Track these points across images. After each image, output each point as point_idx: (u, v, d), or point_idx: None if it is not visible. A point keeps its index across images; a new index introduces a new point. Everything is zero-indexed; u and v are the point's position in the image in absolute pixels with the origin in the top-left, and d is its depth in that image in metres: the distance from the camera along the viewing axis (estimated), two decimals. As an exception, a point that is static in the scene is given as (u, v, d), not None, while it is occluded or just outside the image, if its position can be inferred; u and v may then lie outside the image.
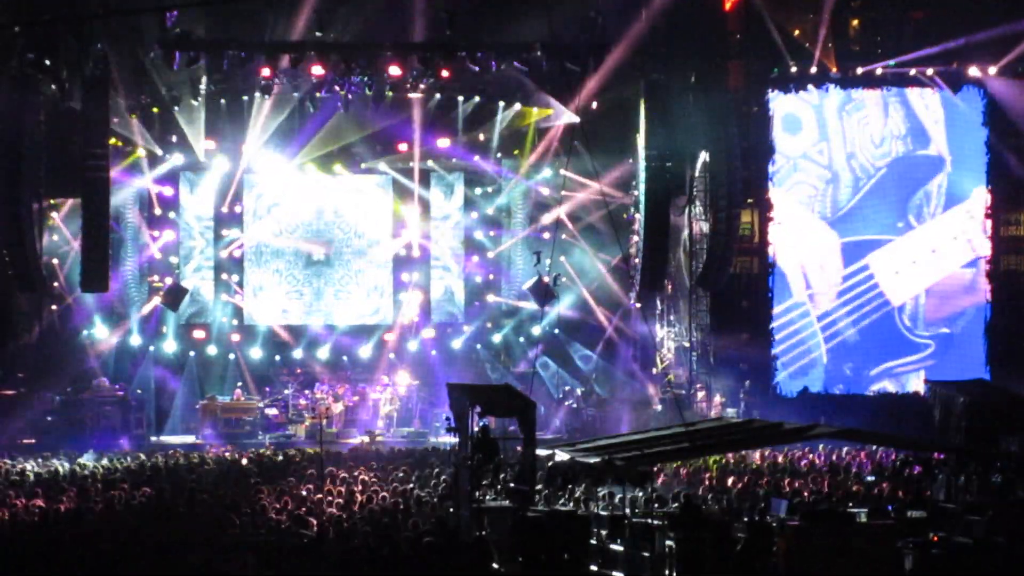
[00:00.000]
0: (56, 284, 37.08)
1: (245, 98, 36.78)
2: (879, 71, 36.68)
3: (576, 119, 36.59)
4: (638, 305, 38.45)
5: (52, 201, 36.59)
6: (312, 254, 39.77)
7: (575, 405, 37.91)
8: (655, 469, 22.60)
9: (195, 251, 39.33)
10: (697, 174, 36.88)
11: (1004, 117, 37.02)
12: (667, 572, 17.52)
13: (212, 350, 38.92)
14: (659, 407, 36.27)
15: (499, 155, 39.61)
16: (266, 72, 35.26)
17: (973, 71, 36.62)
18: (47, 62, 34.12)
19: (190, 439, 35.69)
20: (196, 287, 38.84)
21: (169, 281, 38.20)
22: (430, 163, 39.58)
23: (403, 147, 39.07)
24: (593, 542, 18.58)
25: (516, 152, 39.56)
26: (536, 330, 39.26)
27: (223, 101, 36.78)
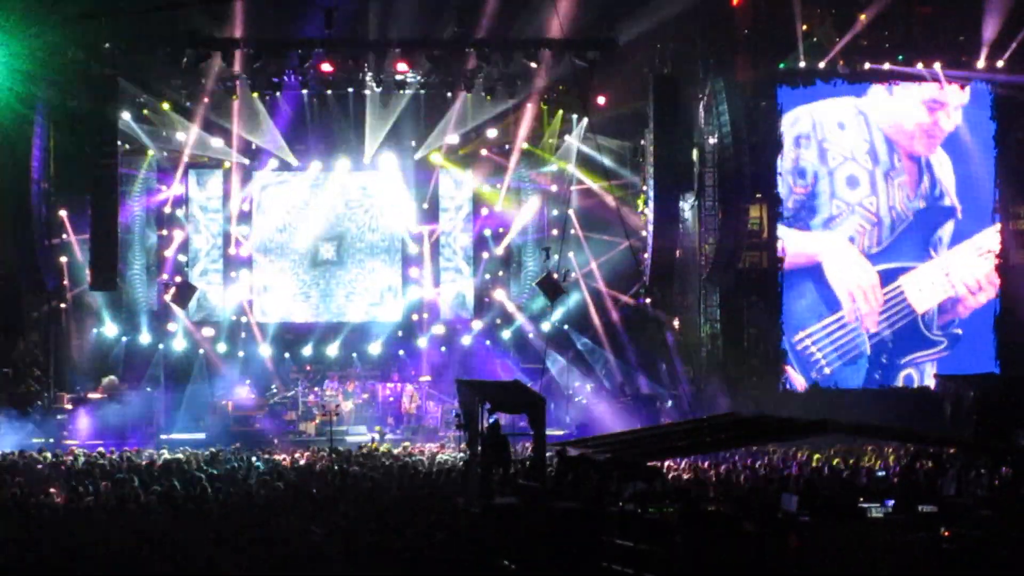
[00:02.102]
0: (66, 283, 37.11)
1: (255, 95, 36.79)
2: (887, 67, 36.82)
3: (585, 114, 36.62)
4: (648, 300, 38.42)
5: (61, 200, 36.57)
6: (320, 252, 39.76)
7: (585, 401, 37.91)
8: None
9: (201, 253, 39.32)
10: (706, 169, 36.88)
11: (1012, 110, 37.14)
12: (678, 569, 17.49)
13: (221, 348, 38.96)
14: (669, 402, 36.28)
15: (507, 149, 39.53)
16: (275, 70, 35.36)
17: (981, 65, 36.72)
18: (56, 60, 34.20)
19: (200, 436, 35.72)
20: (203, 292, 38.77)
21: (178, 279, 38.22)
22: (439, 160, 39.53)
23: (413, 143, 39.07)
24: (603, 538, 18.54)
25: (526, 148, 39.50)
26: (545, 326, 39.23)
27: (234, 99, 36.78)
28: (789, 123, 36.66)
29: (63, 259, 36.93)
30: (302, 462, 27.65)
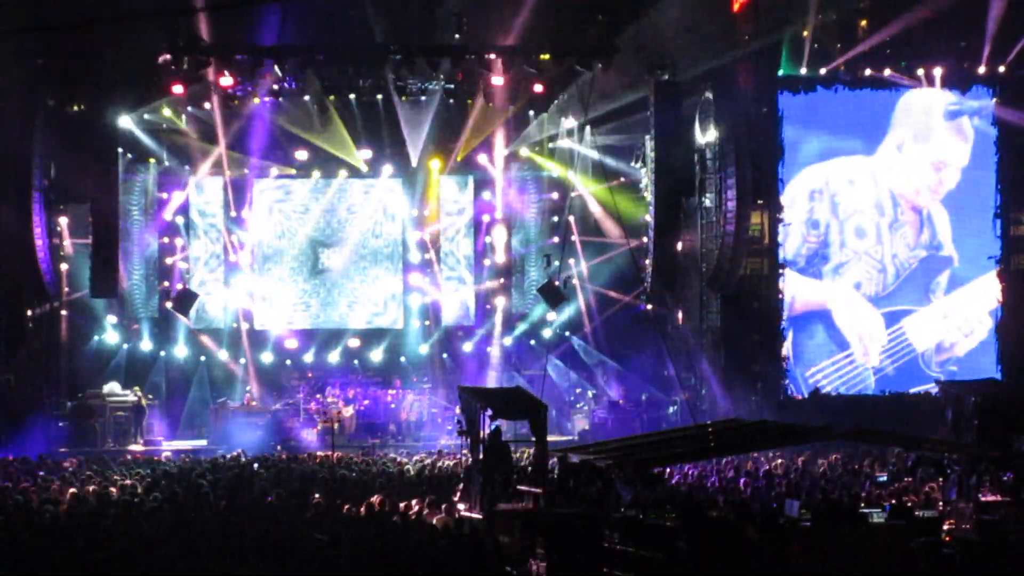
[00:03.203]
0: (66, 290, 37.11)
1: (256, 101, 36.78)
2: (887, 73, 36.89)
3: (586, 120, 36.62)
4: (649, 306, 38.41)
5: (61, 207, 36.56)
6: (321, 259, 39.70)
7: (586, 407, 37.87)
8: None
9: (201, 261, 39.25)
10: (707, 174, 36.87)
11: (1013, 114, 37.22)
12: (680, 575, 17.49)
13: (222, 355, 38.92)
14: (671, 408, 36.26)
15: (508, 155, 39.49)
16: (273, 76, 35.34)
17: (982, 71, 36.79)
18: (55, 68, 34.21)
19: (201, 443, 35.74)
20: (203, 302, 38.68)
21: (180, 287, 38.20)
22: (440, 166, 39.51)
23: (412, 150, 39.01)
24: (605, 544, 18.54)
25: (526, 154, 39.49)
26: (547, 332, 39.19)
27: (235, 104, 36.77)
28: (804, 178, 37.82)
29: (64, 266, 36.94)
30: (304, 468, 27.62)
